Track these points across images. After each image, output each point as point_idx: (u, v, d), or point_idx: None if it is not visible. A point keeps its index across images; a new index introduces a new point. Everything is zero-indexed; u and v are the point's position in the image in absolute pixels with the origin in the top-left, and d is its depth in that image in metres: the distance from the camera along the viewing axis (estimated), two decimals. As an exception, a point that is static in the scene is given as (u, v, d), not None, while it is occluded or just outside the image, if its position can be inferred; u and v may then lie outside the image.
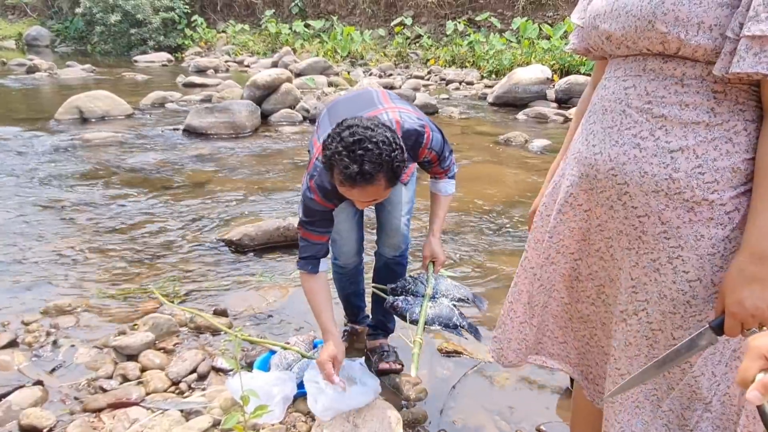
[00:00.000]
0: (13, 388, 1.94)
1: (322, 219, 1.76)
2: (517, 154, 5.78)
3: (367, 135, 1.46)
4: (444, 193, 2.01)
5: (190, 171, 4.97)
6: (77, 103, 6.90)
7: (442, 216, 2.02)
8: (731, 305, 0.93)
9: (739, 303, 0.92)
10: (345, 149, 1.45)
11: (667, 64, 0.98)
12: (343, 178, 1.48)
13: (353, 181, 1.47)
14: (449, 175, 2.00)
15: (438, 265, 2.00)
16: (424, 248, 2.00)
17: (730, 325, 0.94)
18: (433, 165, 1.91)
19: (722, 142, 0.96)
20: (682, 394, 1.07)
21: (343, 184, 1.50)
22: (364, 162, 1.45)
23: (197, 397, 1.93)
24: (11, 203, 3.97)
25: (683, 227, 0.99)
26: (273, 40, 15.15)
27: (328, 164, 1.52)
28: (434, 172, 1.98)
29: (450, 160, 1.96)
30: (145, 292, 2.73)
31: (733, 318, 0.93)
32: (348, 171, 1.45)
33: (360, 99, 1.90)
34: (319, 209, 1.72)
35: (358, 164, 1.44)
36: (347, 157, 1.45)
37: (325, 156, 1.51)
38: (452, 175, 2.01)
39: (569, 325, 1.32)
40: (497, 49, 11.29)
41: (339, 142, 1.47)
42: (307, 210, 1.74)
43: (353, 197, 1.59)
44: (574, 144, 1.20)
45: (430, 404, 2.02)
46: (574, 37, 1.25)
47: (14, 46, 17.16)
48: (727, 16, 0.90)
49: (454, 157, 1.99)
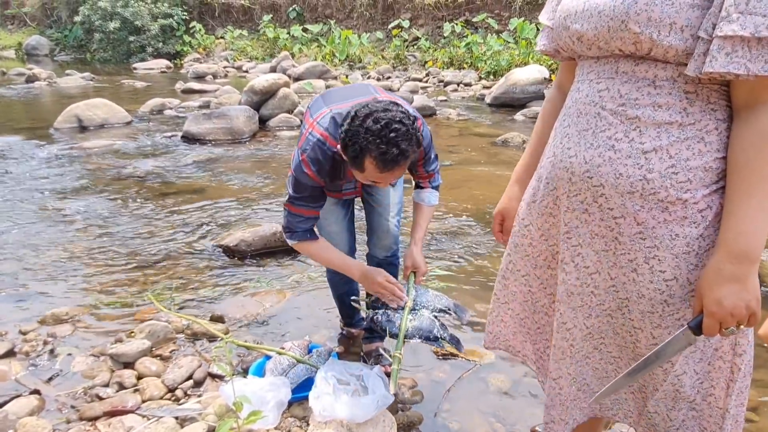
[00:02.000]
0: (10, 398, 1.94)
1: (312, 195, 1.78)
2: (515, 154, 5.78)
3: (390, 116, 1.51)
4: (427, 203, 2.01)
5: (188, 177, 4.99)
6: (76, 112, 6.93)
7: (425, 226, 2.02)
8: (710, 305, 0.93)
9: (717, 302, 0.92)
10: (376, 136, 1.49)
11: (639, 67, 0.99)
12: (383, 165, 1.51)
13: (395, 164, 1.52)
14: (433, 185, 2.01)
15: (419, 276, 1.98)
16: (405, 258, 1.99)
17: (708, 324, 0.94)
18: (418, 164, 1.92)
19: (695, 142, 0.97)
20: (667, 395, 1.07)
21: (384, 169, 1.53)
22: (399, 142, 1.49)
23: (193, 403, 1.94)
24: (10, 212, 3.99)
25: (658, 227, 1.00)
26: (271, 45, 15.19)
27: (360, 157, 1.53)
28: (419, 176, 1.99)
29: (435, 165, 1.97)
30: (142, 300, 2.74)
31: (711, 317, 0.93)
32: (388, 155, 1.49)
33: (355, 88, 1.94)
34: (310, 184, 1.74)
35: (395, 146, 1.49)
36: (382, 143, 1.49)
37: (354, 150, 1.53)
38: (436, 186, 2.03)
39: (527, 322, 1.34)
40: (495, 50, 11.31)
41: (366, 132, 1.50)
42: (299, 185, 1.75)
43: (387, 181, 1.62)
44: (548, 148, 1.20)
45: (425, 407, 2.02)
46: (544, 38, 1.25)
47: (14, 56, 17.24)
48: (698, 17, 0.90)
49: (439, 166, 2.00)
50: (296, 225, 1.82)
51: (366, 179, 1.64)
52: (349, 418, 1.70)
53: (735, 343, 1.02)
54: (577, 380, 1.21)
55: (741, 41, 0.86)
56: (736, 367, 1.03)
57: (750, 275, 0.92)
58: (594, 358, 1.18)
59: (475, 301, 2.79)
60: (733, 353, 1.02)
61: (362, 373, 1.85)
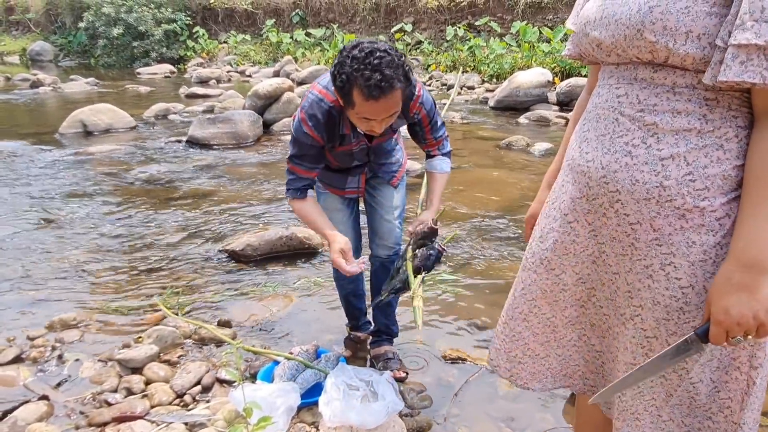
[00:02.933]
0: (18, 404, 1.95)
1: (310, 154, 1.80)
2: (519, 157, 5.78)
3: (375, 47, 1.55)
4: (439, 170, 2.02)
5: (193, 182, 4.99)
6: (81, 117, 6.95)
7: (438, 193, 2.01)
8: (717, 313, 0.92)
9: (725, 311, 0.91)
10: (360, 63, 1.51)
11: (658, 74, 0.99)
12: (368, 92, 1.52)
13: (380, 90, 1.52)
14: (443, 152, 2.02)
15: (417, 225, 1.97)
16: (415, 220, 1.96)
17: (715, 332, 0.93)
18: (425, 130, 1.93)
19: (713, 149, 0.96)
20: (681, 401, 1.06)
21: (369, 96, 1.53)
22: (383, 68, 1.50)
23: (201, 409, 1.94)
24: (16, 217, 4.00)
25: (675, 234, 0.99)
26: (274, 49, 15.23)
27: (346, 87, 1.55)
28: (428, 145, 2.00)
29: (443, 132, 1.98)
30: (149, 305, 2.74)
31: (718, 326, 0.92)
32: (371, 81, 1.50)
33: None
34: (308, 142, 1.77)
35: (379, 71, 1.50)
36: (366, 69, 1.51)
37: (342, 80, 1.55)
38: (447, 153, 2.03)
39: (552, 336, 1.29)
40: (497, 54, 11.31)
41: (352, 60, 1.53)
42: (297, 143, 1.79)
43: (377, 115, 1.60)
44: (569, 151, 1.20)
45: (434, 412, 2.02)
46: (570, 43, 1.26)
47: (18, 62, 17.32)
48: (715, 25, 0.90)
49: (447, 133, 2.01)
50: (292, 183, 1.86)
51: (359, 118, 1.63)
52: (360, 424, 1.69)
53: (752, 355, 1.00)
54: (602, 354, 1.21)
55: (756, 49, 0.85)
56: (751, 381, 1.01)
57: (761, 285, 0.90)
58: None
59: (481, 305, 2.78)
60: (750, 366, 1.01)
61: (372, 379, 1.84)
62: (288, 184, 1.88)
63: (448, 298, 2.85)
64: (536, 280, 1.26)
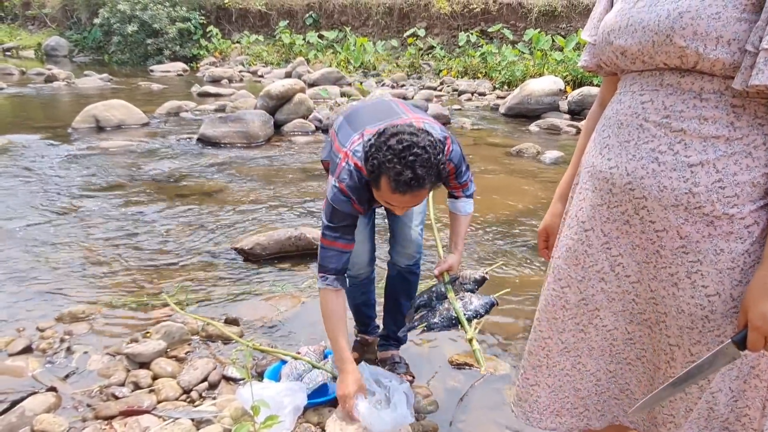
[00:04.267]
0: (27, 394, 1.95)
1: (349, 225, 1.76)
2: (530, 165, 5.77)
3: (414, 141, 1.51)
4: (463, 212, 2.03)
5: (204, 180, 5.02)
6: (94, 112, 7.00)
7: (462, 234, 2.03)
8: (755, 319, 0.92)
9: (763, 316, 0.91)
10: (395, 156, 1.49)
11: (685, 79, 0.98)
12: (395, 185, 1.51)
13: (408, 187, 1.51)
14: (467, 194, 2.01)
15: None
16: (442, 262, 2.00)
17: (753, 339, 0.92)
18: (450, 178, 1.92)
19: (742, 157, 0.96)
20: (700, 414, 1.05)
21: (396, 190, 1.52)
22: (416, 167, 1.49)
23: (208, 406, 1.94)
24: (28, 211, 4.03)
25: (702, 242, 0.99)
26: (287, 50, 15.29)
27: (376, 173, 1.54)
28: (452, 187, 1.99)
29: (467, 176, 1.97)
30: (158, 300, 2.75)
31: (756, 332, 0.92)
32: (402, 177, 1.49)
33: (380, 108, 1.92)
34: (349, 212, 1.73)
35: (411, 170, 1.49)
36: (399, 163, 1.49)
37: (372, 165, 1.54)
38: (470, 194, 2.03)
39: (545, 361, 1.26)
40: (509, 61, 11.30)
41: (387, 150, 1.50)
42: (336, 214, 1.72)
43: (400, 203, 1.61)
44: (587, 158, 1.19)
45: (441, 417, 2.01)
46: (586, 54, 1.26)
47: (33, 56, 17.48)
48: (745, 30, 0.90)
49: (472, 176, 2.00)
50: (329, 261, 1.75)
51: (382, 199, 1.63)
52: (364, 425, 1.69)
53: None
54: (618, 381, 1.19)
55: None
56: None
57: None
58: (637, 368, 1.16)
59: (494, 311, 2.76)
60: None
61: (390, 385, 1.84)
62: (327, 264, 1.75)
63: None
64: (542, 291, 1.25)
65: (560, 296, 1.21)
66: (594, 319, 1.18)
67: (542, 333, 1.25)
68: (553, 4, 12.38)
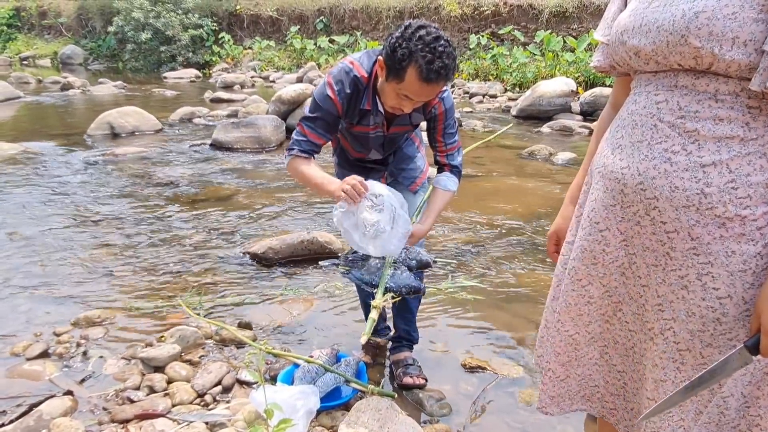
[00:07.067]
0: (44, 398, 1.98)
1: (325, 120, 1.81)
2: (542, 167, 5.74)
3: (441, 34, 1.59)
4: (443, 186, 1.97)
5: (217, 185, 5.06)
6: (108, 119, 7.10)
7: (437, 210, 1.95)
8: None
9: None
10: (426, 45, 1.55)
11: (699, 80, 0.97)
12: (426, 74, 1.56)
13: (437, 76, 1.56)
14: (451, 162, 1.98)
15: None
16: None
17: (766, 344, 0.91)
18: (438, 130, 1.92)
19: (756, 157, 0.94)
20: (710, 419, 1.04)
21: (426, 79, 1.57)
22: (444, 57, 1.56)
23: (222, 409, 1.95)
24: (44, 216, 4.09)
25: (714, 243, 0.97)
26: (298, 55, 15.39)
27: (406, 62, 1.57)
28: (438, 149, 1.97)
29: (454, 139, 1.96)
30: (172, 305, 2.78)
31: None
32: (434, 65, 1.54)
33: None
34: (327, 107, 1.79)
35: (441, 59, 1.55)
36: (430, 52, 1.54)
37: (402, 54, 1.57)
38: (456, 165, 1.99)
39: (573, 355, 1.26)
40: (521, 62, 11.27)
41: (418, 39, 1.56)
42: (316, 106, 1.81)
43: (420, 96, 1.64)
44: (598, 159, 1.18)
45: (454, 420, 2.00)
46: (599, 54, 1.25)
47: (49, 65, 17.78)
48: (762, 31, 0.89)
49: (460, 144, 2.00)
50: (299, 144, 1.83)
51: (398, 94, 1.65)
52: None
53: None
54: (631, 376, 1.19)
55: None
56: None
57: None
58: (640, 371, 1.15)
59: (500, 314, 2.76)
60: None
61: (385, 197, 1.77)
62: (294, 144, 1.84)
63: (466, 306, 2.84)
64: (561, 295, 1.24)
65: (582, 294, 1.20)
66: (618, 312, 1.17)
67: (568, 332, 1.24)
68: (564, 5, 12.31)
